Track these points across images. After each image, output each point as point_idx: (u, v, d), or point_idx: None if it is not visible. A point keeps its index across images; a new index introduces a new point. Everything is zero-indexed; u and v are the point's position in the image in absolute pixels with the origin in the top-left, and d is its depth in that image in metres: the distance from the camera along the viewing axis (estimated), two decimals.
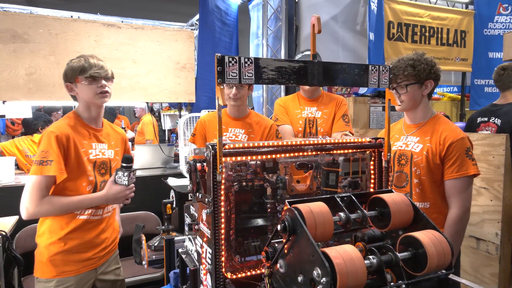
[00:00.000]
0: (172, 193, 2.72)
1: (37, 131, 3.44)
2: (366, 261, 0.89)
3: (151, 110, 5.75)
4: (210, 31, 3.84)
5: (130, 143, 5.72)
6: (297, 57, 2.49)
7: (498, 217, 2.23)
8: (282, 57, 3.76)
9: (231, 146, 1.11)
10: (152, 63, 3.18)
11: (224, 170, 1.09)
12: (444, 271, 0.97)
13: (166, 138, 6.17)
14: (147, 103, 3.67)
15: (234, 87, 2.17)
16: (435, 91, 5.96)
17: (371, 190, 1.34)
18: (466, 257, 2.41)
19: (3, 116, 3.12)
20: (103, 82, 1.73)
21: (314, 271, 0.81)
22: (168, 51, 3.23)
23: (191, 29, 4.93)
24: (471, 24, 4.69)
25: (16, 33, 2.73)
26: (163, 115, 6.18)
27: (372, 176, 1.35)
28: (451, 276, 1.13)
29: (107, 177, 1.79)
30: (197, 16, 4.45)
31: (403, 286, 0.89)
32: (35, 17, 2.88)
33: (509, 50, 2.32)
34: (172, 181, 3.07)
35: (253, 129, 2.31)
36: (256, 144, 1.15)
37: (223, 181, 1.08)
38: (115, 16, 5.56)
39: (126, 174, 1.69)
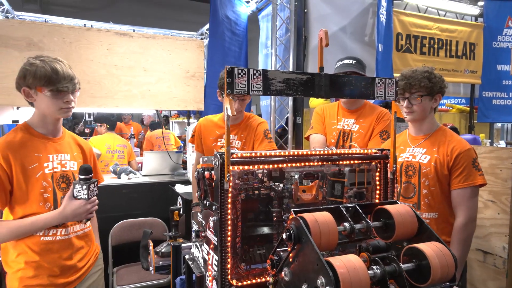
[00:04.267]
0: (179, 200, 2.75)
1: None
2: (370, 271, 0.90)
3: (166, 120, 5.74)
4: (219, 40, 3.90)
5: (138, 150, 5.71)
6: (337, 65, 2.35)
7: (505, 231, 2.22)
8: (291, 67, 3.79)
9: (239, 155, 1.14)
10: (162, 71, 3.24)
11: (231, 178, 1.11)
12: (448, 283, 0.97)
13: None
14: (157, 110, 3.73)
15: (237, 102, 2.17)
16: (443, 102, 5.95)
17: (377, 201, 1.35)
18: (473, 271, 2.39)
19: (17, 121, 3.19)
20: (70, 97, 1.54)
21: (318, 280, 0.83)
22: (178, 59, 3.29)
23: (201, 38, 5.02)
24: (480, 36, 4.70)
25: (32, 41, 2.81)
26: (172, 122, 6.24)
27: (378, 187, 1.37)
28: None
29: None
30: (208, 25, 4.53)
31: None
32: (50, 26, 2.97)
33: None
34: (179, 188, 3.11)
35: (245, 133, 2.33)
36: (263, 154, 1.18)
37: (230, 189, 1.10)
38: (127, 25, 5.69)
39: (84, 186, 1.53)
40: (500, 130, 7.24)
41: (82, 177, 1.54)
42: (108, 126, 4.20)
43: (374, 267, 0.92)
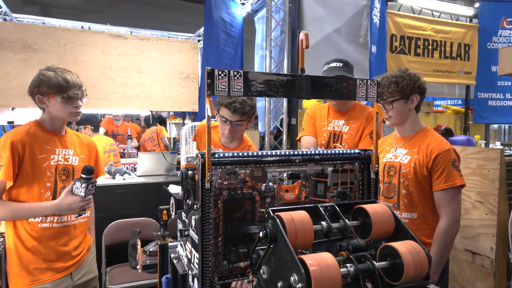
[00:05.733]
0: (172, 200, 2.76)
1: None
2: (344, 269, 0.92)
3: (163, 120, 5.75)
4: (214, 42, 3.93)
5: (135, 151, 5.73)
6: (324, 68, 2.31)
7: (493, 231, 2.23)
8: (285, 68, 3.81)
9: (221, 155, 1.15)
10: (156, 73, 3.26)
11: (213, 178, 1.13)
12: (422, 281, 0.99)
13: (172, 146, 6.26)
14: (151, 111, 3.75)
15: (229, 125, 1.97)
16: (439, 103, 5.94)
17: (359, 200, 1.37)
18: (461, 271, 2.40)
19: (12, 122, 3.21)
20: (79, 103, 1.75)
21: (291, 277, 0.85)
22: (173, 61, 3.31)
23: (199, 40, 5.04)
24: (475, 37, 4.72)
25: (26, 43, 2.83)
26: (169, 123, 6.27)
27: (361, 187, 1.38)
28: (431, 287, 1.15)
29: (68, 184, 1.75)
30: None
31: None
32: (45, 28, 3.00)
33: (504, 65, 2.34)
34: (172, 189, 3.12)
35: None
36: (245, 154, 1.20)
37: (212, 189, 1.12)
38: (124, 27, 5.72)
39: (83, 185, 1.66)
40: (497, 131, 7.26)
41: (83, 176, 1.66)
42: (92, 127, 4.16)
43: (348, 265, 0.93)
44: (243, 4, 4.41)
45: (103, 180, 3.35)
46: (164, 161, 3.59)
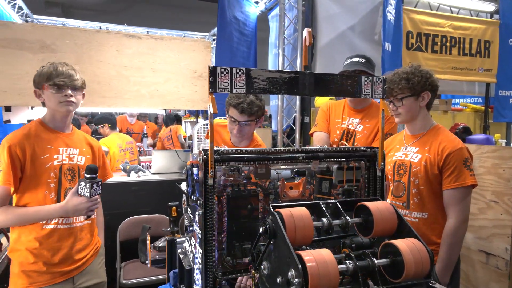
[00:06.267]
0: (184, 198, 2.80)
1: None
2: (342, 266, 0.92)
3: (179, 119, 5.85)
4: (227, 41, 3.95)
5: (151, 149, 5.84)
6: (346, 62, 2.29)
7: (508, 232, 2.16)
8: (298, 66, 3.80)
9: (224, 152, 1.17)
10: (170, 72, 3.31)
11: (217, 174, 1.15)
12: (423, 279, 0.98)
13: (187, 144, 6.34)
14: (165, 110, 3.80)
15: (237, 125, 1.98)
16: (458, 101, 5.79)
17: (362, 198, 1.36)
18: (475, 272, 2.34)
19: (8, 121, 3.28)
20: (69, 91, 1.68)
21: (289, 272, 0.85)
22: (186, 60, 3.35)
23: (213, 39, 5.08)
24: (496, 34, 4.58)
25: (45, 44, 2.92)
26: (185, 122, 6.35)
27: (366, 185, 1.37)
28: (439, 286, 1.13)
29: (74, 184, 1.70)
30: None
31: None
32: (63, 29, 3.08)
33: None
34: (185, 186, 3.17)
35: None
36: (248, 150, 1.21)
37: (215, 185, 1.13)
38: (141, 27, 5.81)
39: (88, 185, 1.61)
40: None
41: (87, 176, 1.62)
42: (110, 125, 4.26)
43: (347, 261, 0.93)
44: (256, 2, 4.42)
45: (118, 177, 3.43)
46: (178, 159, 3.65)
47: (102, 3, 9.62)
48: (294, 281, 0.83)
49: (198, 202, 1.17)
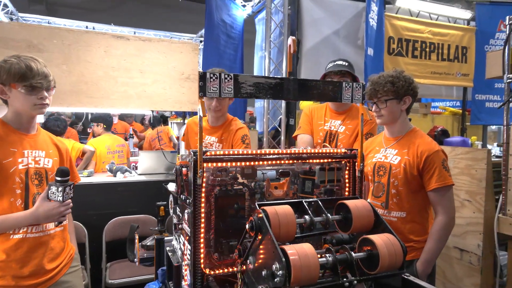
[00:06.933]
0: (170, 198, 2.84)
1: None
2: (323, 259, 0.99)
3: (164, 120, 5.86)
4: (215, 43, 4.01)
5: (136, 150, 5.81)
6: (329, 65, 2.41)
7: (480, 229, 2.30)
8: (284, 69, 3.88)
9: (212, 153, 1.23)
10: (157, 73, 3.34)
11: (205, 174, 1.21)
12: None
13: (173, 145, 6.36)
14: (152, 111, 3.83)
15: (215, 99, 2.29)
16: (437, 105, 5.98)
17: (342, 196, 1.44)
18: (450, 268, 2.47)
19: None
20: (45, 93, 1.55)
21: (274, 265, 0.92)
22: (173, 62, 3.39)
23: (201, 41, 5.12)
24: (472, 40, 4.77)
25: (32, 43, 2.92)
26: (171, 123, 6.36)
27: (347, 185, 1.45)
28: (414, 279, 1.22)
29: (42, 189, 1.57)
30: None
31: (355, 282, 0.99)
32: (50, 29, 3.08)
33: (491, 68, 2.41)
34: (171, 187, 3.20)
35: (225, 136, 2.45)
36: (236, 152, 1.27)
37: (204, 185, 1.19)
38: (128, 27, 5.79)
39: (60, 189, 1.49)
40: (496, 133, 7.29)
41: (58, 179, 1.51)
42: (105, 126, 4.28)
43: (327, 255, 1.01)
44: (244, 6, 4.48)
45: (104, 177, 3.44)
46: (164, 160, 3.67)
47: (88, 1, 9.53)
48: (278, 273, 0.90)
49: (188, 201, 1.22)
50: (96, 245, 3.01)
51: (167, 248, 1.53)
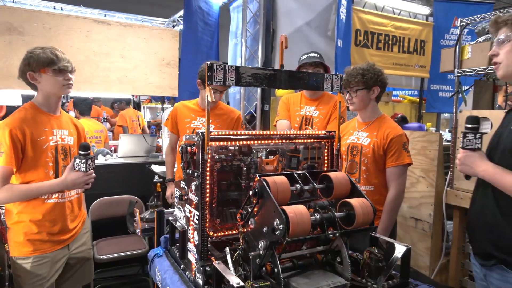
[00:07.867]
0: (156, 178, 3.02)
1: None
2: (312, 217, 1.24)
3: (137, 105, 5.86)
4: (193, 30, 4.11)
5: (110, 133, 5.81)
6: (303, 57, 2.67)
7: (431, 201, 2.69)
8: (259, 57, 4.08)
9: (216, 133, 1.44)
10: (139, 59, 3.43)
11: (209, 151, 1.41)
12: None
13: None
14: (133, 96, 3.91)
15: (218, 94, 2.55)
16: (397, 94, 6.43)
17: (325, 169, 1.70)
18: (407, 235, 2.86)
19: None
20: (69, 75, 1.85)
21: (274, 222, 1.16)
22: (154, 48, 3.49)
23: (173, 26, 5.18)
24: (429, 34, 5.20)
25: (12, 26, 2.92)
26: (144, 107, 6.38)
27: (326, 161, 1.72)
28: (379, 235, 1.51)
29: (67, 162, 1.87)
30: (180, 12, 4.70)
31: (337, 234, 1.26)
32: (30, 12, 3.07)
33: (445, 63, 2.77)
34: (155, 168, 3.36)
35: (219, 119, 2.69)
36: (235, 133, 1.49)
37: (208, 160, 1.40)
38: (97, 9, 5.68)
39: (84, 161, 1.77)
40: (449, 120, 7.96)
41: (82, 152, 1.78)
42: (79, 111, 4.13)
43: (315, 214, 1.26)
44: None
45: None
46: (145, 143, 3.80)
47: None
48: (279, 227, 1.14)
49: (196, 174, 1.43)
50: None
51: (170, 218, 1.73)
